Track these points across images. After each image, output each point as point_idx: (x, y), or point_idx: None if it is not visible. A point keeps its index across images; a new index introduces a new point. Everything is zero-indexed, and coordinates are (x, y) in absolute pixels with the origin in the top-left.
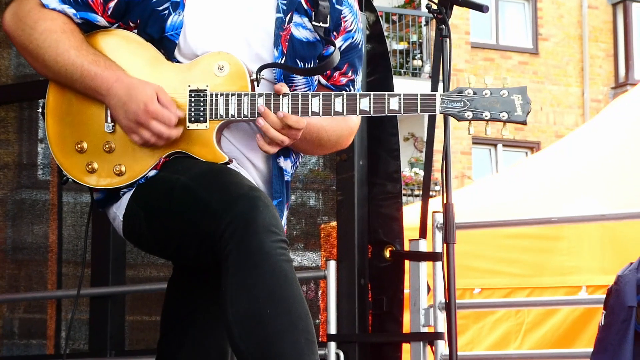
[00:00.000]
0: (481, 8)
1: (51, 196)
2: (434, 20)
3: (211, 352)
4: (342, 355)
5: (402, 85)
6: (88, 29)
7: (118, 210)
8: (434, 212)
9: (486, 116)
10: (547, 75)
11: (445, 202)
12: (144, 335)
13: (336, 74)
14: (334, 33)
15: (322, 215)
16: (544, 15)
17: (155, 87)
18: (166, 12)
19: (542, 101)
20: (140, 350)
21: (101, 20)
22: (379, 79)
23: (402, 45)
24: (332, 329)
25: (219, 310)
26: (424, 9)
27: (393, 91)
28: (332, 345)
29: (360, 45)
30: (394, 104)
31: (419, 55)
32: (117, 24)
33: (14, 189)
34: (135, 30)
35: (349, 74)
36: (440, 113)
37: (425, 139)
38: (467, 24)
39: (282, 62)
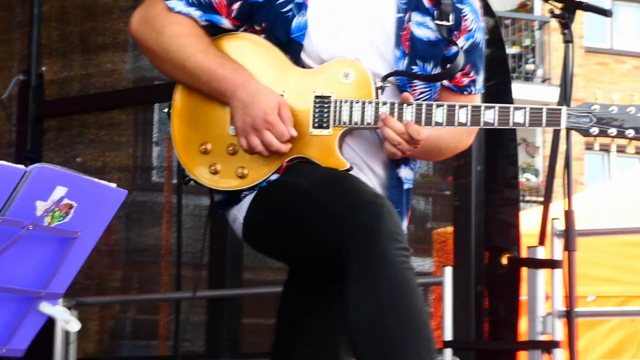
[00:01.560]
0: (605, 12)
1: (165, 198)
2: (547, 24)
3: (324, 356)
4: None
5: (515, 89)
6: (214, 31)
7: (239, 213)
8: (552, 219)
9: (612, 133)
10: None
11: (566, 209)
12: (260, 339)
13: (458, 74)
14: (455, 33)
15: (431, 220)
16: None
17: (279, 100)
18: (290, 13)
19: None
20: (256, 353)
21: (226, 23)
22: (498, 84)
23: (515, 50)
24: (448, 336)
25: (341, 316)
26: (537, 13)
27: (511, 96)
28: (448, 351)
29: (481, 45)
30: (519, 117)
31: (531, 60)
32: (243, 27)
33: (129, 191)
34: (263, 35)
35: (471, 74)
36: (566, 128)
37: (536, 144)
38: (580, 27)
39: (405, 62)
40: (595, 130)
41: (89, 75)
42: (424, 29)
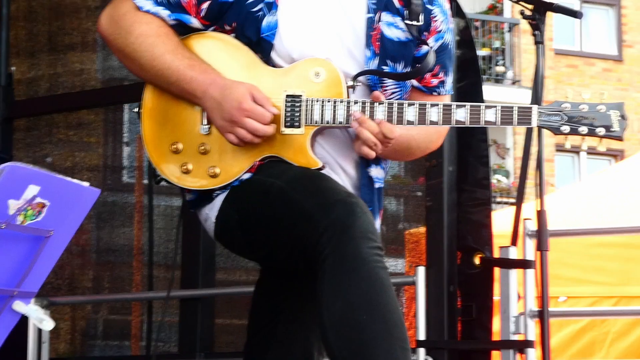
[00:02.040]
0: (575, 14)
1: (136, 199)
2: (517, 26)
3: (297, 355)
4: None
5: (485, 91)
6: (182, 30)
7: (211, 212)
8: (524, 219)
9: (583, 131)
10: (631, 82)
11: (539, 209)
12: (233, 338)
13: (427, 75)
14: (425, 33)
15: (403, 221)
16: (629, 21)
17: (248, 86)
18: (260, 12)
19: (627, 109)
20: (229, 352)
21: (195, 22)
22: (469, 84)
23: (485, 52)
24: (421, 335)
25: (314, 314)
26: (506, 15)
27: (482, 96)
28: (422, 351)
29: (450, 46)
30: (490, 115)
31: (501, 62)
32: (212, 27)
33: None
34: (233, 34)
35: (440, 75)
36: (537, 126)
37: (507, 146)
38: (550, 30)
39: (375, 62)
40: (566, 128)
41: (57, 75)
42: (394, 29)
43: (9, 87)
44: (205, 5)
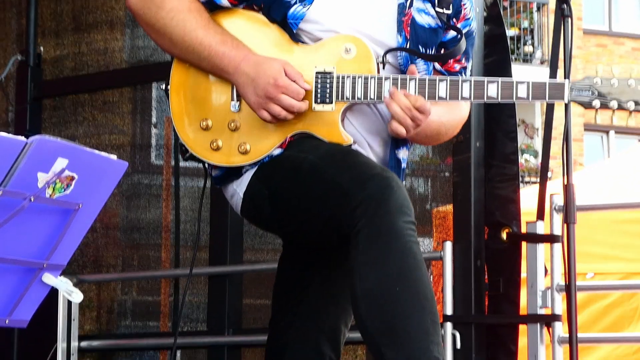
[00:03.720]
0: None
1: (164, 178)
2: (546, 5)
3: (323, 330)
4: (458, 335)
5: (513, 71)
6: (211, 8)
7: (238, 188)
8: (551, 194)
9: (613, 105)
10: None
11: (565, 183)
12: (261, 315)
13: (450, 60)
14: (454, 20)
15: (431, 201)
16: None
17: (282, 62)
18: (293, 1)
19: None
20: (257, 328)
21: (224, 2)
22: (497, 61)
23: (513, 31)
24: (449, 310)
25: (346, 286)
26: None
27: (511, 73)
28: (449, 325)
29: (474, 34)
30: (522, 91)
31: (530, 41)
32: (242, 6)
33: (128, 171)
34: (261, 12)
35: (462, 61)
36: (569, 101)
37: (535, 126)
38: (579, 9)
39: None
40: (596, 102)
41: (82, 54)
42: (424, 15)
43: (38, 68)
44: None
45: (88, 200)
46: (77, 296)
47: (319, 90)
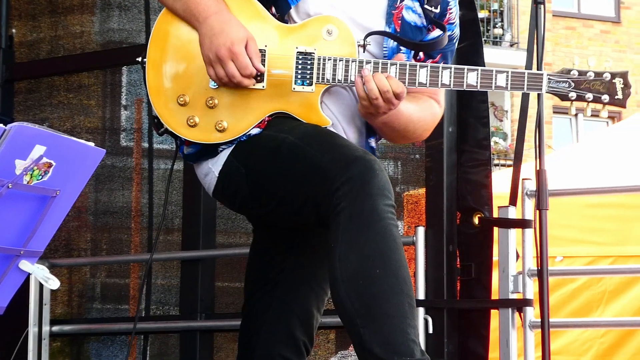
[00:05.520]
0: None
1: (135, 161)
2: None
3: (296, 314)
4: (430, 320)
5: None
6: None
7: (214, 166)
8: (523, 179)
9: (589, 98)
10: (629, 44)
11: (538, 168)
12: (233, 299)
13: (428, 61)
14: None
15: (401, 183)
16: None
17: (248, 34)
18: None
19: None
20: (230, 313)
21: None
22: (469, 45)
23: (483, 14)
24: (421, 295)
25: (325, 266)
26: None
27: (483, 58)
28: (421, 310)
29: (455, 40)
30: (501, 80)
31: (499, 24)
32: None
33: None
34: None
35: (441, 63)
36: (546, 92)
37: (505, 108)
38: None
39: (394, 41)
40: (573, 95)
41: (58, 37)
42: (411, 13)
43: (10, 50)
44: None
45: (65, 187)
46: (54, 283)
47: (299, 71)
